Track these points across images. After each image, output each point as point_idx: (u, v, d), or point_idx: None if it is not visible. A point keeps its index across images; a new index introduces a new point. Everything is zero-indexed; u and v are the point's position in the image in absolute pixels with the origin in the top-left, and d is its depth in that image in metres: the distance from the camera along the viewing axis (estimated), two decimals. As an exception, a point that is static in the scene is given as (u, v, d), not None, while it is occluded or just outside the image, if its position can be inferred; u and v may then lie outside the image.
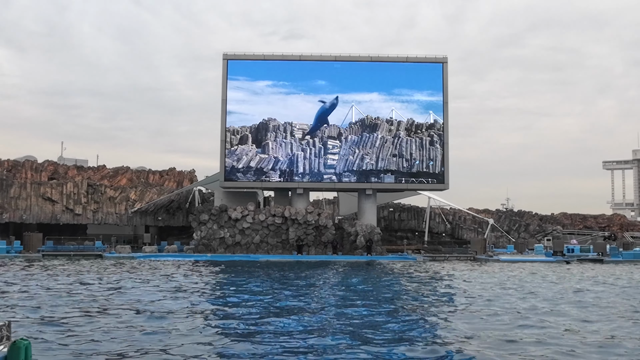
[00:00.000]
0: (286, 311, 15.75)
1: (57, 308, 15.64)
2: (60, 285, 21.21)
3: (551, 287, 22.68)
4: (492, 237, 52.68)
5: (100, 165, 55.95)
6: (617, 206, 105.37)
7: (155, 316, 14.55)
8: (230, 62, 45.73)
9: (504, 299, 18.66)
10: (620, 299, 19.04)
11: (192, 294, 19.28)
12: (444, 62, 46.03)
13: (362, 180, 45.51)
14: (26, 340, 7.24)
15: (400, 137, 45.80)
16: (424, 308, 17.04)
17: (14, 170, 50.38)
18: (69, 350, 10.70)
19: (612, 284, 24.15)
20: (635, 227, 62.00)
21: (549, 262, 39.09)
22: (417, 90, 46.51)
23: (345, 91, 46.33)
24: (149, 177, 55.45)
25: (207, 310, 16.00)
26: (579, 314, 15.80)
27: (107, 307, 15.94)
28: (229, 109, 45.50)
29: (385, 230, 51.08)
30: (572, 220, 61.85)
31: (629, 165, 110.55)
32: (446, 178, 45.40)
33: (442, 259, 41.47)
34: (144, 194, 50.76)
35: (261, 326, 13.30)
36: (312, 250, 43.07)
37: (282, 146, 45.41)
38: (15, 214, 47.25)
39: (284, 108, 46.11)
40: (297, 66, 46.29)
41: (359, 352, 10.89)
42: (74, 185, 48.92)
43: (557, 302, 18.11)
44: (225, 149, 44.90)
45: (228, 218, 43.32)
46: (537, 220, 59.48)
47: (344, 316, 14.97)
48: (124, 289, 20.54)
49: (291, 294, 19.65)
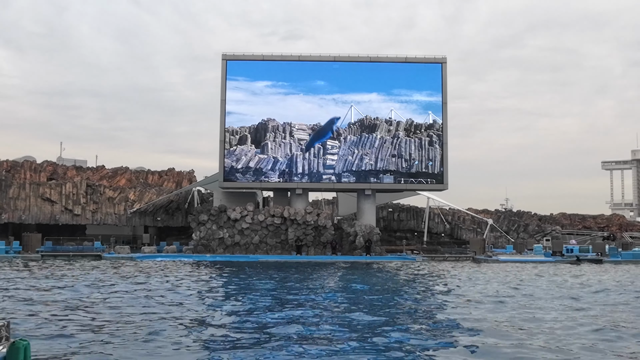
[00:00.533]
0: (286, 313, 15.73)
1: (57, 309, 15.62)
2: (60, 286, 21.19)
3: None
4: (491, 237, 52.71)
5: (99, 165, 55.90)
6: (616, 206, 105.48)
7: (150, 321, 14.52)
8: (230, 62, 45.73)
9: (509, 299, 18.66)
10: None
11: (188, 296, 19.27)
12: (443, 62, 46.06)
13: (361, 181, 45.51)
14: (25, 340, 7.23)
15: (400, 138, 45.81)
16: (422, 308, 17.04)
17: (13, 171, 50.32)
18: (68, 351, 10.70)
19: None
20: (634, 227, 62.06)
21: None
22: (416, 91, 46.51)
23: (344, 91, 46.34)
24: (148, 178, 55.40)
25: (203, 315, 15.96)
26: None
27: (101, 312, 15.92)
28: (228, 109, 45.49)
29: (384, 231, 51.11)
30: (571, 220, 61.90)
31: (628, 166, 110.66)
32: (445, 178, 45.41)
33: (441, 259, 41.49)
34: (143, 194, 50.74)
35: (263, 330, 13.29)
36: (312, 251, 43.06)
37: (281, 146, 45.41)
38: (14, 215, 47.22)
39: (283, 108, 46.12)
40: (296, 66, 46.28)
41: (358, 353, 10.88)
42: (73, 185, 48.88)
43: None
44: (224, 150, 44.89)
45: (227, 218, 43.31)
46: (536, 220, 59.52)
47: (343, 318, 14.96)
48: (119, 292, 20.51)
49: (292, 297, 19.63)
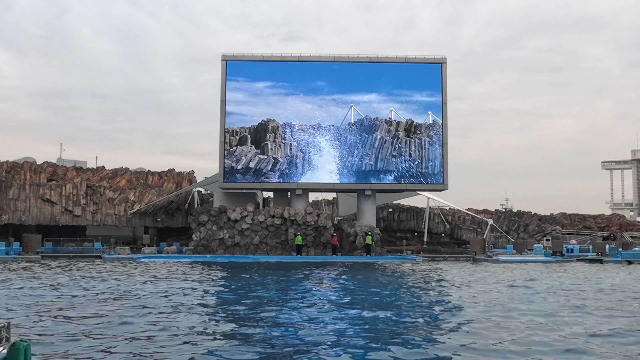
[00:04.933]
0: (285, 313, 15.73)
1: (57, 309, 15.61)
2: (60, 286, 21.18)
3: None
4: (492, 237, 52.69)
5: (99, 166, 55.86)
6: (616, 206, 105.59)
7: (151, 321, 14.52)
8: (229, 63, 45.70)
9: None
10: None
11: (188, 297, 19.27)
12: (443, 63, 46.03)
13: (361, 181, 45.50)
14: (25, 341, 7.22)
15: (400, 138, 45.77)
16: (421, 309, 17.02)
17: (12, 172, 50.30)
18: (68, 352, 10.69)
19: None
20: (635, 227, 62.07)
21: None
22: (416, 91, 46.49)
23: (344, 92, 46.29)
24: (148, 179, 55.37)
25: (204, 315, 15.96)
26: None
27: (104, 311, 15.92)
28: (228, 109, 45.45)
29: (384, 231, 51.10)
30: (571, 220, 61.90)
31: (628, 166, 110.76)
32: (445, 178, 45.36)
33: (441, 260, 41.47)
34: (143, 195, 50.73)
35: (264, 328, 13.29)
36: (312, 251, 43.03)
37: (281, 147, 45.38)
38: (14, 216, 47.21)
39: (283, 109, 46.07)
40: (296, 67, 46.25)
41: (357, 354, 10.88)
42: (73, 186, 48.87)
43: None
44: (224, 150, 44.86)
45: (227, 219, 43.28)
46: (536, 220, 59.50)
47: (343, 319, 14.95)
48: (117, 293, 20.51)
49: (292, 297, 19.63)
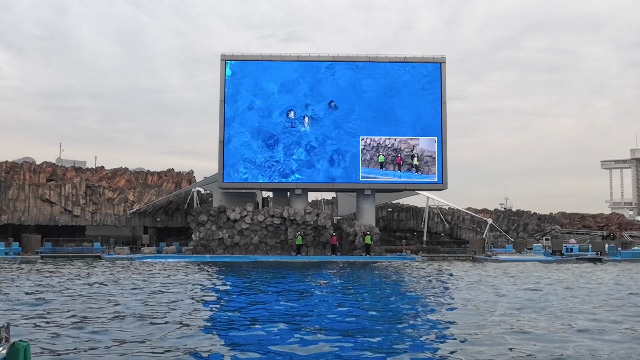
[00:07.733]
0: (285, 313, 15.74)
1: (57, 309, 15.61)
2: (59, 286, 21.17)
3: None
4: (491, 236, 52.70)
5: (98, 166, 55.86)
6: (615, 205, 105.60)
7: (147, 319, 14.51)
8: (229, 62, 45.66)
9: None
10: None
11: (188, 297, 19.27)
12: (442, 62, 45.99)
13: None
14: (25, 342, 7.21)
15: (400, 137, 45.67)
16: (421, 309, 17.03)
17: (12, 172, 50.29)
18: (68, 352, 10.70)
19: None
20: (634, 226, 62.08)
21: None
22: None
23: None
24: (148, 179, 55.35)
25: (203, 315, 15.96)
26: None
27: (103, 313, 15.92)
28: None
29: (383, 231, 51.10)
30: (570, 219, 61.89)
31: (627, 165, 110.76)
32: (445, 178, 45.35)
33: (440, 259, 41.48)
34: (143, 195, 50.71)
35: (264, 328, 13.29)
36: (311, 251, 43.03)
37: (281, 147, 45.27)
38: (13, 216, 47.19)
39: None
40: (295, 67, 46.17)
41: (354, 354, 10.89)
42: (72, 186, 48.85)
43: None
44: (223, 150, 44.80)
45: (227, 219, 43.27)
46: (535, 219, 59.49)
47: (341, 319, 14.96)
48: (116, 294, 20.51)
49: (290, 297, 19.64)
